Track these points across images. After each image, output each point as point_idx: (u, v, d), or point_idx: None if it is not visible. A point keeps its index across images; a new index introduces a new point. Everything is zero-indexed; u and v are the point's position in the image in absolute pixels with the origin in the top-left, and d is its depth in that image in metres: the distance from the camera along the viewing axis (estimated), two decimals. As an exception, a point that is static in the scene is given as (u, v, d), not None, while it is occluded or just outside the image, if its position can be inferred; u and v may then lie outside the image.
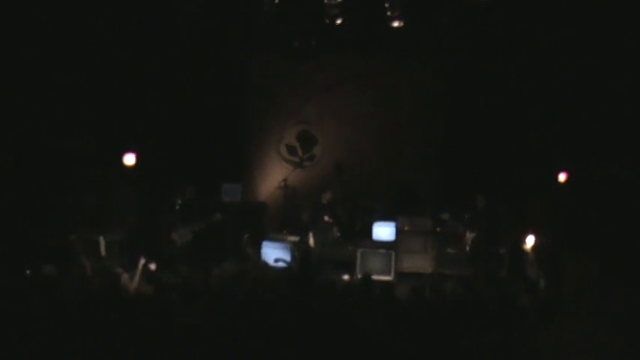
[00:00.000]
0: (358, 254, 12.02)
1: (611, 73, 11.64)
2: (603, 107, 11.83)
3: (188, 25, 12.74)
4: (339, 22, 12.47)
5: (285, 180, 14.26)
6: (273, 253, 11.94)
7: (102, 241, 11.41)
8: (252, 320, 5.79)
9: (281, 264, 11.09)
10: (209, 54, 13.61)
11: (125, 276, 8.57)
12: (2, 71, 10.75)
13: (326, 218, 12.48)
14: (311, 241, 12.28)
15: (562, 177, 12.45)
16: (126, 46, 12.07)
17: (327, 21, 12.49)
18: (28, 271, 8.56)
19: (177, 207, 11.98)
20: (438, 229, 12.37)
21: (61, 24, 11.20)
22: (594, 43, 11.50)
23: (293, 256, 11.99)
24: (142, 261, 8.86)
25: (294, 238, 12.57)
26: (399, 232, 12.37)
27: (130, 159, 11.95)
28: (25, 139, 11.09)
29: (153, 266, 9.21)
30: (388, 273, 11.83)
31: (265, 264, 11.57)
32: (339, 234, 12.52)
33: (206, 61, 13.66)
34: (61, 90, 11.48)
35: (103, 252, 11.39)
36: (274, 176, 14.70)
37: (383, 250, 12.05)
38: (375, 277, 11.48)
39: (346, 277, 11.65)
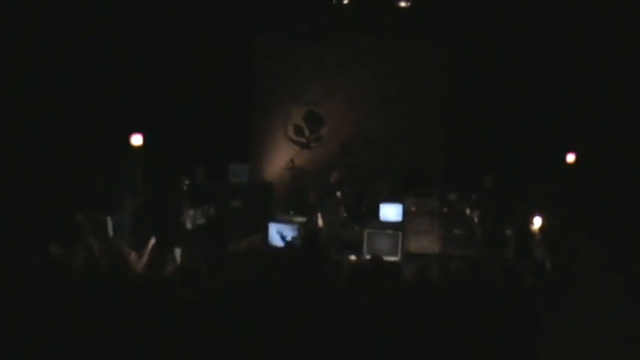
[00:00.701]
0: (365, 235, 12.04)
1: (623, 52, 11.56)
2: (613, 87, 11.75)
3: (195, 6, 12.68)
4: (346, 2, 12.43)
5: (292, 160, 14.26)
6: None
7: (109, 221, 11.43)
8: (255, 302, 5.81)
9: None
10: (216, 34, 13.54)
11: (133, 255, 8.60)
12: (9, 52, 10.74)
13: (338, 194, 12.45)
14: (320, 221, 12.30)
15: (570, 158, 12.42)
16: (133, 26, 12.04)
17: (335, 1, 12.44)
18: (38, 253, 8.60)
19: (184, 188, 11.93)
20: (445, 209, 12.40)
21: (67, 7, 11.18)
22: (604, 22, 11.41)
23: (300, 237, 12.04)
24: (152, 241, 8.89)
25: (301, 219, 12.60)
26: (406, 212, 12.38)
27: (137, 139, 11.97)
28: (32, 120, 11.09)
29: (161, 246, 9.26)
30: (395, 254, 11.86)
31: (270, 245, 11.64)
32: (345, 214, 12.52)
33: (213, 41, 13.60)
34: (68, 71, 11.47)
35: (110, 232, 11.41)
36: (281, 157, 14.72)
37: (390, 231, 12.07)
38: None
39: (353, 257, 11.69)
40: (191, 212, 11.55)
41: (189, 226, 11.49)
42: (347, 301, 6.01)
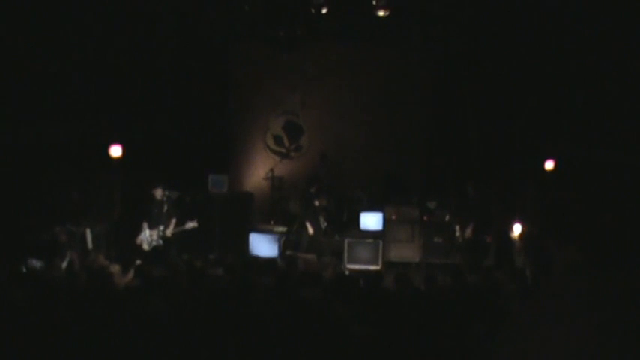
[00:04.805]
0: (346, 244, 12.05)
1: (598, 59, 11.65)
2: (592, 94, 11.84)
3: (171, 15, 12.65)
4: (324, 11, 12.45)
5: (272, 170, 14.23)
6: (261, 244, 11.97)
7: (88, 233, 11.36)
8: (233, 313, 5.79)
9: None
10: (193, 44, 13.51)
11: (117, 268, 8.55)
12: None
13: (316, 203, 12.45)
14: (309, 229, 12.28)
15: (549, 165, 12.48)
16: (110, 37, 11.99)
17: (313, 10, 12.46)
18: (23, 268, 8.53)
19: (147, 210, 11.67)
20: (425, 217, 12.42)
21: (45, 16, 11.11)
22: (582, 29, 11.50)
23: (280, 247, 12.02)
24: (138, 262, 8.89)
25: (281, 229, 12.59)
26: (386, 221, 12.39)
27: (115, 151, 11.90)
28: (9, 131, 10.99)
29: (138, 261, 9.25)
30: (376, 262, 11.87)
31: (252, 255, 11.61)
32: (326, 224, 12.52)
33: (190, 51, 13.57)
34: (46, 82, 11.39)
35: (89, 244, 11.34)
36: (261, 167, 14.67)
37: (370, 240, 12.09)
38: (362, 266, 11.60)
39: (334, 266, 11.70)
40: (147, 233, 11.38)
41: (146, 247, 11.33)
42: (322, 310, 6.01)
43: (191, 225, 11.35)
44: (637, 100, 11.01)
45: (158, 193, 11.52)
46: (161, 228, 11.31)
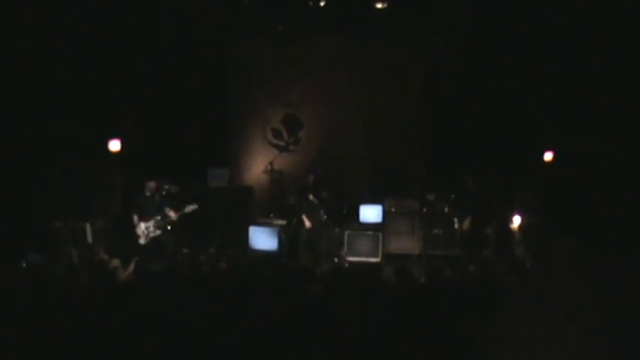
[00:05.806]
0: (346, 236, 12.06)
1: (597, 50, 11.64)
2: (591, 85, 11.83)
3: (170, 9, 12.63)
4: (322, 4, 12.44)
5: (271, 164, 14.24)
6: (261, 237, 11.97)
7: (88, 228, 11.36)
8: (232, 307, 5.80)
9: None
10: (192, 38, 13.49)
11: (116, 262, 8.54)
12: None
13: (311, 197, 12.43)
14: (307, 223, 12.26)
15: (548, 156, 12.48)
16: (110, 32, 11.97)
17: (311, 3, 12.44)
18: (23, 263, 8.53)
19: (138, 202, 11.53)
20: (425, 209, 12.42)
21: (46, 14, 11.10)
22: (579, 20, 11.49)
23: (280, 241, 12.02)
24: (137, 258, 8.90)
25: (281, 222, 12.59)
26: (385, 213, 12.39)
27: (115, 145, 11.89)
28: (9, 126, 10.99)
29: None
30: (376, 255, 11.89)
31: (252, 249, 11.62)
32: (326, 216, 12.52)
33: (189, 44, 13.54)
34: (46, 77, 11.38)
35: (90, 239, 11.34)
36: (260, 160, 14.68)
37: (370, 232, 12.10)
38: (362, 259, 11.61)
39: (335, 259, 11.71)
40: (142, 226, 11.31)
41: (143, 241, 11.27)
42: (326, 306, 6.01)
43: (191, 207, 11.33)
44: (636, 91, 11.01)
45: (150, 185, 11.49)
46: (157, 218, 11.27)
